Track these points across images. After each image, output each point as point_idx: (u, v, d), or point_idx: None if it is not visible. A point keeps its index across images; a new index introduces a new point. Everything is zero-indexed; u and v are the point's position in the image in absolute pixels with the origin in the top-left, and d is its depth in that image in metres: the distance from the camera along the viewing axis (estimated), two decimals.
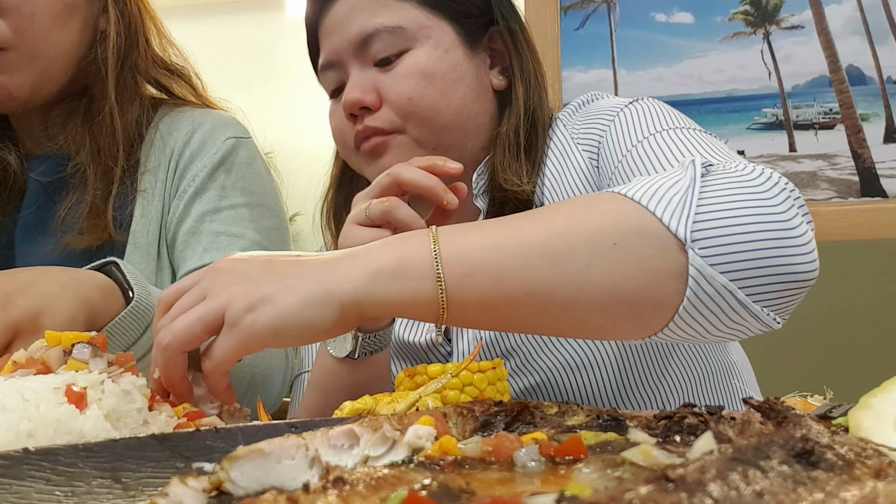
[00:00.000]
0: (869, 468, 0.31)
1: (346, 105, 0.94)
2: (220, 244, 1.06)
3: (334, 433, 0.42)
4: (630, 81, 2.84)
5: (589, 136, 0.95)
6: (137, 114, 1.12)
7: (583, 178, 0.94)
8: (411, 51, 0.94)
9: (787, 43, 2.82)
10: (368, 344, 0.85)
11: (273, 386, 1.05)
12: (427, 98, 0.93)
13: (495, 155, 0.96)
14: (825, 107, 2.76)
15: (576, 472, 0.38)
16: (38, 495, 0.39)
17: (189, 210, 1.10)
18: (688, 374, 0.96)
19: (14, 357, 0.60)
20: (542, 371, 0.92)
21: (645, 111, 0.91)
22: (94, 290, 0.83)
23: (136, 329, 0.85)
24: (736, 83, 2.85)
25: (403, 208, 0.77)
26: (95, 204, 1.07)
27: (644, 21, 2.83)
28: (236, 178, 1.13)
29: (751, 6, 2.84)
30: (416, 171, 0.78)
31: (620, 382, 0.92)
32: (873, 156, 2.68)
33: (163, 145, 1.14)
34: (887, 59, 2.73)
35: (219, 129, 1.16)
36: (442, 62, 0.94)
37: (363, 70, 0.95)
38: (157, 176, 1.12)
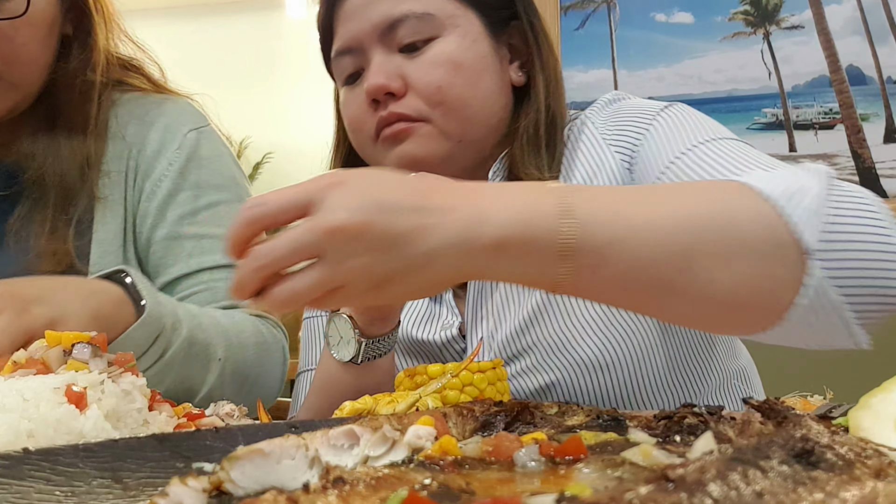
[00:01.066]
0: (869, 468, 0.31)
1: (369, 90, 0.91)
2: (205, 247, 1.05)
3: (334, 433, 0.42)
4: (630, 81, 2.84)
5: (622, 139, 0.94)
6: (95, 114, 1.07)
7: (615, 182, 0.93)
8: (439, 38, 0.92)
9: (787, 43, 2.82)
10: (372, 349, 0.84)
11: (272, 382, 1.05)
12: (456, 87, 0.91)
13: (514, 149, 0.94)
14: (825, 107, 2.76)
15: (576, 472, 0.38)
16: (38, 495, 0.39)
17: (164, 214, 1.07)
18: (702, 379, 0.95)
19: (14, 357, 0.60)
20: (557, 370, 0.91)
21: (682, 119, 0.90)
22: (108, 302, 0.82)
23: (146, 341, 0.85)
24: (736, 83, 2.85)
25: None
26: (56, 226, 1.03)
27: (644, 21, 2.83)
28: (207, 175, 1.09)
29: (751, 6, 2.84)
30: None
31: (635, 385, 0.91)
32: (873, 156, 2.68)
33: (119, 143, 1.09)
34: (887, 59, 2.73)
35: (177, 122, 1.11)
36: (470, 52, 0.93)
37: (387, 56, 0.92)
38: (115, 179, 1.08)
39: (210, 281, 1.05)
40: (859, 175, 2.67)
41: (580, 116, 1.01)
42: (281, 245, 0.55)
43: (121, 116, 1.10)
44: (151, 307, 0.85)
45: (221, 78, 4.82)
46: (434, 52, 0.91)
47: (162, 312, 0.87)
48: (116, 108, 1.11)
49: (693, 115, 0.91)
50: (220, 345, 0.96)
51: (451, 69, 0.91)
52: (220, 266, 1.05)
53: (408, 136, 0.91)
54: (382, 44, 0.92)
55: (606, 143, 0.95)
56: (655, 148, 0.89)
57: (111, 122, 1.09)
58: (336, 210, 0.54)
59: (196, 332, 0.93)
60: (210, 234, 1.06)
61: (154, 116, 1.11)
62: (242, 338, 1.00)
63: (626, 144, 0.93)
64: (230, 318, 1.00)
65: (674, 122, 0.90)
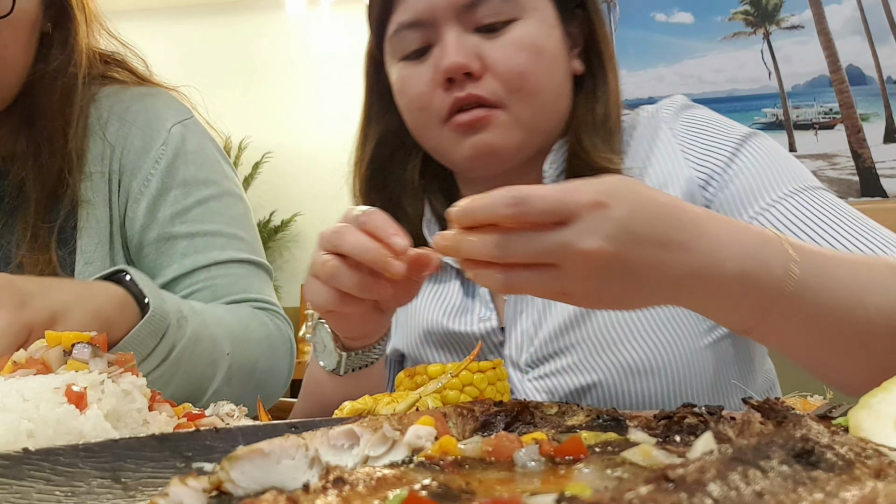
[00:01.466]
0: (869, 468, 0.31)
1: (448, 68, 0.87)
2: (199, 246, 1.03)
3: (334, 433, 0.42)
4: (630, 81, 2.84)
5: (702, 159, 0.93)
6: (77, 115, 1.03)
7: (685, 196, 0.91)
8: (519, 21, 0.89)
9: (787, 43, 2.82)
10: (353, 361, 0.83)
11: (280, 375, 1.04)
12: (536, 73, 0.89)
13: (578, 138, 0.93)
14: (825, 107, 2.76)
15: (576, 472, 0.38)
16: (38, 495, 0.39)
17: (154, 214, 1.04)
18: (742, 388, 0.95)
19: (14, 357, 0.60)
20: (600, 370, 0.90)
21: (770, 158, 0.90)
22: (108, 302, 0.81)
23: (152, 340, 0.84)
24: (736, 83, 2.85)
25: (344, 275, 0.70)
26: (37, 234, 1.00)
27: (644, 21, 2.83)
28: (195, 170, 1.06)
29: (751, 6, 2.84)
30: (353, 240, 0.69)
31: (679, 393, 0.90)
32: (873, 156, 2.68)
33: (100, 143, 1.06)
34: (887, 59, 2.73)
35: (160, 117, 1.07)
36: (548, 39, 0.91)
37: (464, 34, 0.89)
38: (98, 181, 1.04)
39: (208, 279, 1.03)
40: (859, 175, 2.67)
41: (648, 111, 1.00)
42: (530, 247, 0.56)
43: (101, 114, 1.07)
44: (156, 305, 0.84)
45: (221, 78, 4.82)
46: (516, 34, 0.89)
47: (166, 310, 0.86)
48: (97, 104, 1.07)
49: (780, 155, 0.92)
50: (227, 340, 0.95)
51: (533, 54, 0.89)
52: (216, 263, 1.03)
53: (485, 125, 0.88)
54: (459, 21, 0.89)
55: (683, 156, 0.94)
56: (744, 186, 0.89)
57: (91, 120, 1.06)
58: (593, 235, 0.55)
59: (201, 328, 0.91)
60: (203, 231, 1.04)
61: (135, 113, 1.07)
62: (248, 332, 0.99)
63: (706, 166, 0.92)
64: (234, 314, 0.99)
65: (762, 159, 0.90)
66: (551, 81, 0.91)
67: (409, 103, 0.93)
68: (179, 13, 5.77)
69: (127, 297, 0.84)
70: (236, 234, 1.06)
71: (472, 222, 0.57)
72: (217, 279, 1.03)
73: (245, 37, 5.79)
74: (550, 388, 0.91)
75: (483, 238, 0.56)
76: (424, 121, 0.92)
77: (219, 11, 5.88)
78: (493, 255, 0.56)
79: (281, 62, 5.77)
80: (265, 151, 5.50)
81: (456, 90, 0.88)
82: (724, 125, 0.96)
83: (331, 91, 5.70)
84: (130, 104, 1.08)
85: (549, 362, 0.91)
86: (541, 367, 0.92)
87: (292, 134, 5.69)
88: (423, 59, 0.91)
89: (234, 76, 5.45)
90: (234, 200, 1.09)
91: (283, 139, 5.62)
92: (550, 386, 0.91)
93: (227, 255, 1.03)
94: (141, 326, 0.82)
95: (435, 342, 0.99)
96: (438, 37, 0.89)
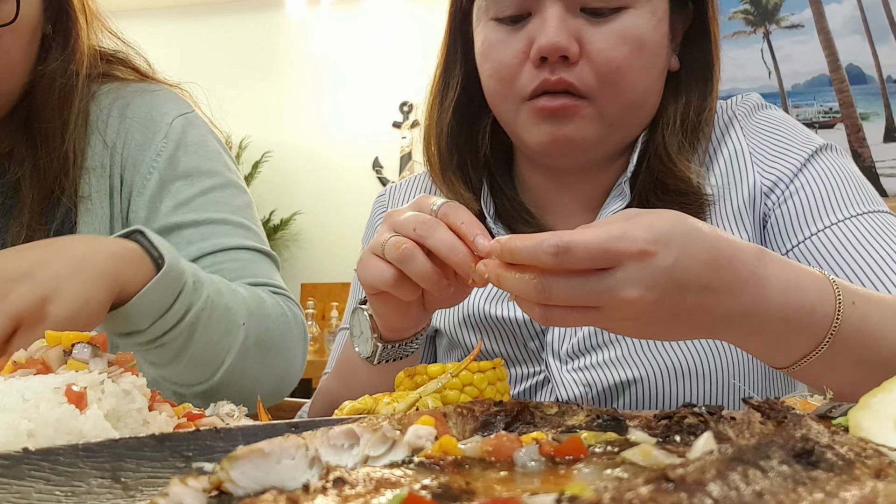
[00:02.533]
0: (869, 468, 0.31)
1: (545, 48, 0.82)
2: (205, 233, 1.01)
3: (334, 433, 0.42)
4: None
5: (770, 160, 0.90)
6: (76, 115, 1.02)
7: (745, 203, 0.89)
8: (628, 10, 0.85)
9: (787, 42, 2.82)
10: (389, 353, 0.81)
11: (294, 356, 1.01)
12: (633, 70, 0.85)
13: (662, 137, 0.89)
14: (825, 106, 2.76)
15: (576, 472, 0.38)
16: (38, 495, 0.39)
17: (157, 206, 1.02)
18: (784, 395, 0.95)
19: (14, 357, 0.60)
20: (640, 367, 0.88)
21: (840, 174, 0.88)
22: (118, 260, 0.78)
23: (168, 296, 0.82)
24: (736, 82, 2.84)
25: (418, 261, 0.68)
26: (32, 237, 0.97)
27: None
28: (198, 161, 1.05)
29: (751, 5, 2.84)
30: (444, 237, 0.67)
31: (721, 398, 0.89)
32: (873, 155, 2.68)
33: (100, 140, 1.04)
34: (887, 59, 2.73)
35: (160, 112, 1.06)
36: (654, 33, 0.86)
37: (567, 12, 0.83)
38: (98, 176, 1.03)
39: (214, 264, 1.01)
40: None
41: (724, 108, 0.97)
42: (571, 294, 0.56)
43: (101, 111, 1.06)
44: (171, 261, 0.81)
45: (221, 77, 4.82)
46: (623, 24, 0.84)
47: (182, 268, 0.83)
48: (97, 101, 1.06)
49: (848, 172, 0.90)
50: (243, 311, 0.92)
51: (635, 49, 0.84)
52: (223, 249, 1.01)
53: (569, 116, 0.85)
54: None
55: (751, 157, 0.91)
56: (807, 202, 0.87)
57: (91, 118, 1.05)
58: (636, 285, 0.55)
59: (217, 295, 0.89)
60: (208, 219, 1.02)
61: (135, 108, 1.06)
62: (264, 307, 0.97)
63: (773, 173, 0.90)
64: (249, 289, 0.97)
65: (830, 176, 0.88)
66: (646, 79, 0.87)
67: (493, 71, 0.88)
68: (179, 12, 5.77)
69: (140, 252, 0.81)
70: (242, 222, 1.04)
71: (514, 262, 0.57)
72: (224, 264, 1.01)
73: (245, 36, 5.80)
74: (589, 381, 0.90)
75: (525, 279, 0.56)
76: (505, 92, 0.88)
77: (219, 11, 5.89)
78: (534, 297, 0.56)
79: (281, 62, 5.77)
80: (265, 151, 5.50)
81: (547, 71, 0.84)
82: (799, 132, 0.93)
83: (331, 90, 5.70)
84: (130, 100, 1.07)
85: (590, 354, 0.90)
86: (582, 359, 0.91)
87: (292, 133, 5.70)
88: (518, 27, 0.86)
89: (234, 75, 5.45)
90: (238, 191, 1.08)
91: (283, 138, 5.63)
92: (589, 379, 0.89)
93: (235, 242, 1.02)
94: (156, 281, 0.79)
95: (474, 325, 0.97)
96: (540, 8, 0.84)
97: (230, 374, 0.91)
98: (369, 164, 5.62)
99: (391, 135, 5.64)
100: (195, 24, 5.82)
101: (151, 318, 0.82)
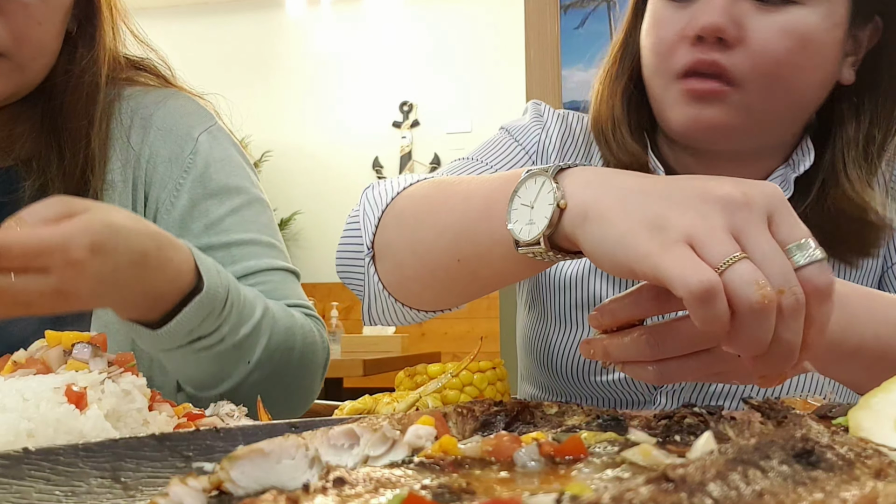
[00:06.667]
0: (869, 468, 0.31)
1: (704, 27, 0.80)
2: (235, 256, 1.00)
3: (334, 433, 0.42)
4: None
5: None
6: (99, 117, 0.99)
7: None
8: (802, 6, 0.82)
9: None
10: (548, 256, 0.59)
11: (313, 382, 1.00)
12: (792, 67, 0.82)
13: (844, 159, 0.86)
14: None
15: (576, 472, 0.38)
16: (38, 495, 0.39)
17: (188, 226, 1.01)
18: (840, 393, 0.94)
19: (14, 357, 0.61)
20: None
21: None
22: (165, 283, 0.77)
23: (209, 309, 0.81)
24: None
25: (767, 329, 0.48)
26: None
27: None
28: (225, 178, 1.04)
29: None
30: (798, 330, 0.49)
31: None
32: None
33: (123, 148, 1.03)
34: None
35: (185, 125, 1.04)
36: (826, 36, 0.83)
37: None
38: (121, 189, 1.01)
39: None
40: None
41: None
42: (684, 339, 0.54)
43: (123, 118, 1.05)
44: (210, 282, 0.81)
45: (221, 77, 4.81)
46: (791, 17, 0.82)
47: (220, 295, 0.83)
48: (119, 106, 1.05)
49: None
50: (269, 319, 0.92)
51: (798, 46, 0.81)
52: (255, 272, 1.00)
53: (715, 100, 0.83)
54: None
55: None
56: None
57: (113, 124, 1.03)
58: None
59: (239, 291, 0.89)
60: (238, 241, 1.01)
61: (159, 120, 1.05)
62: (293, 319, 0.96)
63: None
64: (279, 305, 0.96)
65: None
66: (805, 80, 0.84)
67: (653, 45, 0.87)
68: (179, 12, 5.77)
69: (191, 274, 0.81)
70: (270, 241, 1.04)
71: (617, 324, 0.57)
72: (257, 287, 0.99)
73: (245, 36, 5.80)
74: None
75: (633, 339, 0.55)
76: (658, 66, 0.87)
77: (219, 11, 5.89)
78: (646, 355, 0.55)
79: (281, 61, 5.77)
80: (265, 150, 5.51)
81: (701, 51, 0.82)
82: None
83: (330, 90, 5.70)
84: (154, 110, 1.06)
85: None
86: None
87: (292, 133, 5.70)
88: (686, 5, 0.84)
89: (234, 75, 5.45)
90: (263, 207, 1.08)
91: (283, 138, 5.63)
92: None
93: (265, 264, 1.01)
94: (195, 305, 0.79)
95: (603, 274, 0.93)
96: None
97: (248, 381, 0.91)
98: (369, 163, 5.62)
99: (391, 135, 5.64)
100: (195, 24, 5.82)
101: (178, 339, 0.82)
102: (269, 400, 0.86)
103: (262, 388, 0.88)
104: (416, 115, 5.63)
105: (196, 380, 0.91)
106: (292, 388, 0.96)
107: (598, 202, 0.53)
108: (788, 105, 0.85)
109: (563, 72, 2.58)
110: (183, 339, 0.82)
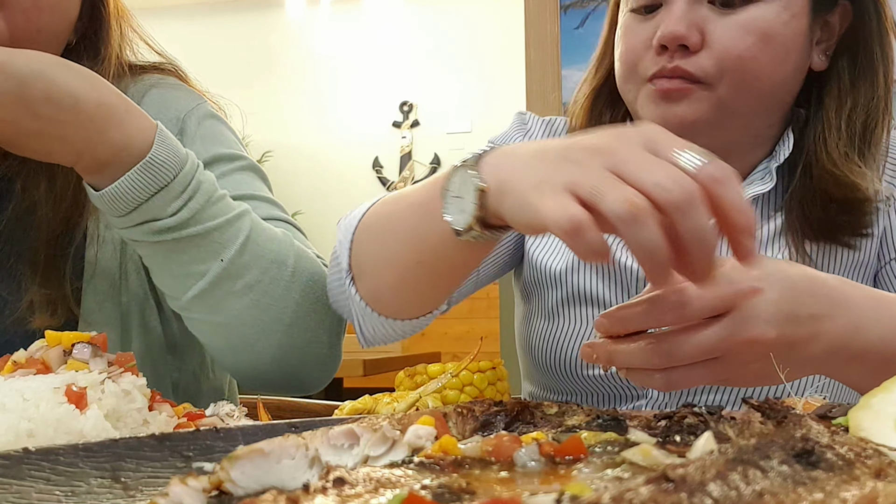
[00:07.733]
0: (869, 468, 0.31)
1: (663, 37, 0.84)
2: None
3: (334, 433, 0.42)
4: None
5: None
6: None
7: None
8: (759, 3, 0.85)
9: None
10: (484, 235, 0.62)
11: (318, 291, 0.89)
12: (757, 62, 0.85)
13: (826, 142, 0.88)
14: None
15: (576, 472, 0.38)
16: (38, 495, 0.39)
17: None
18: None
19: (14, 357, 0.61)
20: None
21: None
22: None
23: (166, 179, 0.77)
24: None
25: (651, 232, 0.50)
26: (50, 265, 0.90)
27: None
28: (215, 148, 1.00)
29: None
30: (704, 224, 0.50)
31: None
32: None
33: None
34: None
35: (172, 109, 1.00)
36: (785, 28, 0.86)
37: (695, 3, 0.85)
38: None
39: None
40: None
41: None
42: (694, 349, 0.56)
43: None
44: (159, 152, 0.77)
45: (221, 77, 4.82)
46: (749, 16, 0.84)
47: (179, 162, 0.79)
48: None
49: None
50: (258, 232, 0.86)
51: (760, 41, 0.84)
52: None
53: (682, 99, 0.86)
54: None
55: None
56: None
57: None
58: (755, 322, 0.57)
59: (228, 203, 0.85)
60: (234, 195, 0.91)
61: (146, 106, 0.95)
62: (289, 237, 0.91)
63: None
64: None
65: None
66: (772, 73, 0.87)
67: (621, 55, 0.92)
68: (179, 12, 5.77)
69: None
70: (268, 197, 1.00)
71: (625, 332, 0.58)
72: None
73: (245, 36, 5.80)
74: None
75: (640, 347, 0.56)
76: (627, 75, 0.91)
77: (219, 11, 5.89)
78: (654, 364, 0.56)
79: (281, 62, 5.77)
80: (265, 150, 5.51)
81: (665, 59, 0.86)
82: None
83: (331, 90, 5.70)
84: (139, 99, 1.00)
85: None
86: None
87: (292, 133, 5.70)
88: (650, 17, 0.89)
89: (234, 75, 5.45)
90: (259, 173, 1.05)
91: (283, 138, 5.63)
92: None
93: (264, 213, 0.94)
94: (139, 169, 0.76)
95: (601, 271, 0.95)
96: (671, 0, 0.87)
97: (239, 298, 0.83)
98: (369, 163, 5.62)
99: (391, 135, 5.64)
100: (195, 24, 5.82)
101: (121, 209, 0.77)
102: (266, 338, 0.81)
103: (251, 313, 0.82)
104: (416, 115, 5.63)
105: (168, 283, 0.84)
106: (292, 324, 0.84)
107: (508, 176, 0.57)
108: (759, 97, 0.88)
109: (563, 72, 2.58)
110: (135, 217, 0.78)
